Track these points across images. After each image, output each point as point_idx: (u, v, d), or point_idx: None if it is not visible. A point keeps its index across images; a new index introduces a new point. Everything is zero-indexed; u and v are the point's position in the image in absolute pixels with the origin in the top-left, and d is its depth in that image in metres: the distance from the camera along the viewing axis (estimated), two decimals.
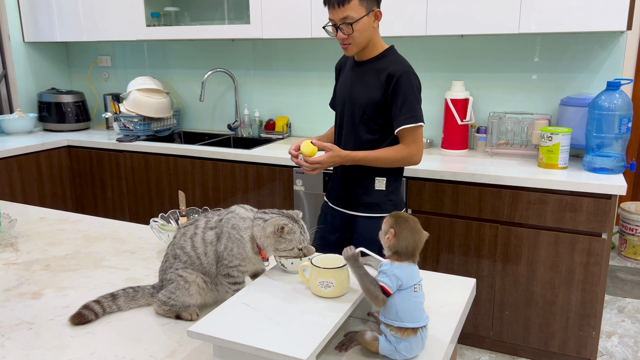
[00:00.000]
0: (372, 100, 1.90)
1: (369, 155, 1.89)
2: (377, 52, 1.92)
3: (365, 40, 1.86)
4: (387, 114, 1.91)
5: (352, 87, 1.96)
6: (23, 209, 2.08)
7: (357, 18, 1.79)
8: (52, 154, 3.40)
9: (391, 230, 1.02)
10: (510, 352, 2.62)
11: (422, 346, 1.03)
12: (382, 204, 1.98)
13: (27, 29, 3.76)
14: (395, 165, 1.93)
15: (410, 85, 1.85)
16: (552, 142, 2.44)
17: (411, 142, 1.89)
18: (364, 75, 1.93)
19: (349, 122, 1.98)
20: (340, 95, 2.03)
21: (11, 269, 1.51)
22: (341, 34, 1.83)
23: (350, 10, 1.78)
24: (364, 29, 1.83)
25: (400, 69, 1.85)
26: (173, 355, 1.08)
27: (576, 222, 2.29)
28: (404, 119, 1.85)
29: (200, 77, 3.67)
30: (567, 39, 2.69)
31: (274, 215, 1.19)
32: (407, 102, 1.84)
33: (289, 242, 1.16)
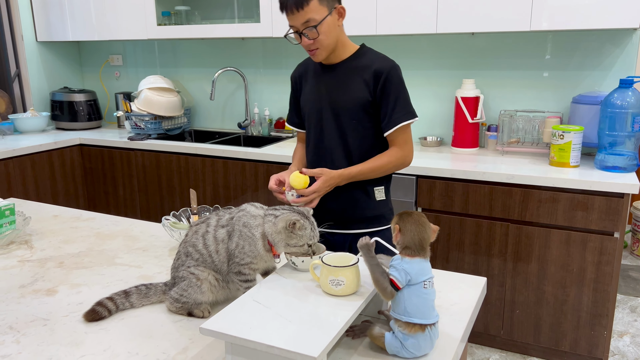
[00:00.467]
0: (359, 102, 1.72)
1: (365, 168, 1.73)
2: (349, 51, 1.76)
3: (333, 41, 1.69)
4: (375, 115, 1.75)
5: (330, 93, 1.77)
6: (37, 206, 2.10)
7: (320, 19, 1.62)
8: (64, 153, 3.43)
9: (396, 226, 1.03)
10: (521, 351, 2.61)
11: (431, 345, 1.03)
12: (386, 215, 1.85)
13: (40, 29, 3.79)
14: (390, 172, 1.79)
15: (400, 80, 1.73)
16: (563, 141, 2.42)
17: (403, 143, 1.75)
18: (342, 77, 1.76)
19: (333, 132, 1.78)
20: (315, 106, 1.81)
21: (26, 266, 1.53)
22: (306, 39, 1.66)
23: (310, 13, 1.61)
24: (329, 30, 1.66)
25: (386, 64, 1.71)
26: (185, 351, 1.09)
27: (588, 221, 2.28)
28: (400, 117, 1.71)
29: (211, 75, 3.69)
30: (579, 36, 2.67)
31: (285, 211, 1.20)
32: (400, 98, 1.72)
33: (299, 238, 1.17)
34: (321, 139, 1.82)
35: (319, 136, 1.82)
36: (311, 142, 1.86)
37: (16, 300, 1.33)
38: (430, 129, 3.10)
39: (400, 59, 3.08)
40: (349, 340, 1.11)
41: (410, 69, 3.07)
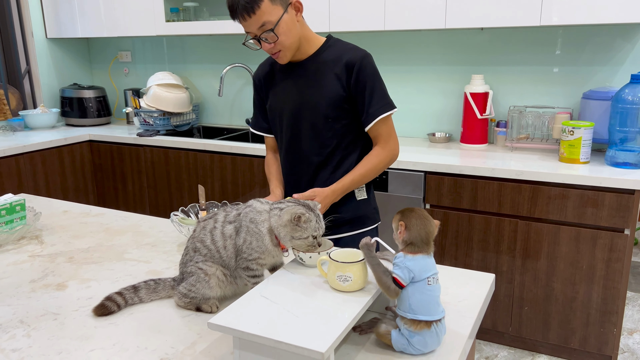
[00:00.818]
0: (333, 98, 1.61)
1: (356, 176, 1.62)
2: (316, 45, 1.65)
3: (295, 40, 1.57)
4: (351, 111, 1.64)
5: (300, 92, 1.64)
6: (47, 202, 2.12)
7: (275, 21, 1.49)
8: (74, 149, 3.46)
9: (401, 223, 1.03)
10: (529, 348, 2.60)
11: (438, 341, 1.03)
12: (370, 215, 1.74)
13: (50, 26, 3.82)
14: (381, 171, 1.67)
15: (374, 70, 1.61)
16: (573, 137, 2.41)
17: (387, 137, 1.64)
18: (311, 74, 1.64)
19: (307, 133, 1.66)
20: (285, 108, 1.69)
21: (36, 261, 1.55)
22: (266, 44, 1.54)
23: (264, 16, 1.48)
24: (288, 29, 1.53)
25: (357, 55, 1.59)
26: (193, 346, 1.10)
27: (598, 218, 2.26)
28: (377, 109, 1.60)
29: (219, 72, 3.70)
30: (589, 31, 2.64)
31: (290, 204, 1.20)
32: (376, 89, 1.60)
33: (304, 231, 1.17)
34: (295, 142, 1.69)
35: (293, 140, 1.69)
36: (284, 147, 1.73)
37: (27, 295, 1.34)
38: (439, 125, 3.09)
39: (409, 54, 3.06)
40: (356, 336, 1.11)
41: (418, 65, 3.06)
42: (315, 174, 1.69)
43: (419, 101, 3.10)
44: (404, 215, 1.04)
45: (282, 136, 1.73)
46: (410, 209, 1.05)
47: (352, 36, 3.18)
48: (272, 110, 1.73)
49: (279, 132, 1.74)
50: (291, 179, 1.75)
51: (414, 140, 3.07)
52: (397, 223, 1.04)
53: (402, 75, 3.11)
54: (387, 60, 3.13)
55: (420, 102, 3.10)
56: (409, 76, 3.10)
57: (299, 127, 1.67)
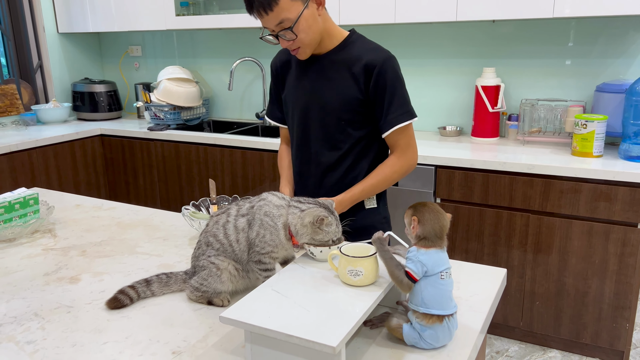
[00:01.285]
0: (348, 101, 1.51)
1: (367, 186, 1.54)
2: (337, 40, 1.54)
3: (316, 36, 1.48)
4: (368, 115, 1.54)
5: (315, 89, 1.55)
6: (60, 196, 2.14)
7: (295, 18, 1.41)
8: (86, 143, 3.48)
9: (414, 218, 1.02)
10: (540, 343, 2.59)
11: (450, 336, 1.03)
12: (377, 225, 1.64)
13: (61, 20, 3.84)
14: (395, 181, 1.57)
15: (396, 75, 1.50)
16: (586, 130, 2.38)
17: (406, 147, 1.54)
18: (328, 71, 1.54)
19: (318, 133, 1.58)
20: (298, 103, 1.60)
21: (50, 254, 1.56)
22: (284, 41, 1.47)
23: (283, 12, 1.39)
24: (308, 26, 1.44)
25: (379, 56, 1.48)
26: (205, 339, 1.11)
27: (611, 212, 2.24)
28: (396, 117, 1.49)
29: (229, 66, 3.70)
30: (603, 22, 2.61)
31: (310, 205, 1.20)
32: (397, 95, 1.49)
33: (325, 234, 1.17)
34: (305, 141, 1.61)
35: (303, 138, 1.62)
36: (294, 143, 1.66)
37: (41, 288, 1.35)
38: (450, 119, 3.07)
39: (420, 47, 3.04)
40: (368, 330, 1.11)
41: (429, 58, 3.04)
42: (323, 177, 1.61)
43: (430, 94, 3.08)
44: (416, 209, 1.03)
45: (293, 132, 1.67)
46: (423, 203, 1.04)
47: (362, 29, 3.16)
48: (286, 103, 1.67)
49: (291, 127, 1.67)
50: (299, 179, 1.68)
51: (424, 133, 3.05)
52: (409, 218, 1.04)
53: (413, 69, 3.09)
54: (398, 54, 3.11)
55: (431, 96, 3.08)
56: (419, 69, 3.08)
57: (309, 126, 1.59)
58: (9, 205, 1.68)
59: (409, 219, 1.04)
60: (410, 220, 1.03)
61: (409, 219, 1.04)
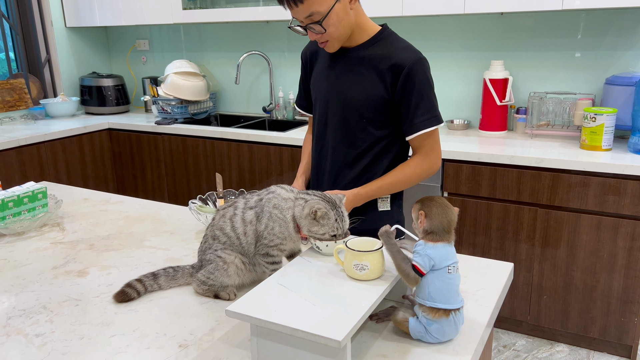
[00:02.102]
0: (372, 99, 1.47)
1: (385, 183, 1.49)
2: (368, 35, 1.49)
3: (345, 30, 1.43)
4: (392, 116, 1.49)
5: (339, 83, 1.52)
6: (68, 190, 2.15)
7: (325, 12, 1.36)
8: (93, 137, 3.50)
9: (421, 212, 1.02)
10: (548, 337, 2.58)
11: (456, 331, 1.03)
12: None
13: (69, 15, 3.85)
14: (414, 184, 1.53)
15: (426, 78, 1.44)
16: (595, 123, 2.36)
17: (430, 150, 1.49)
18: (355, 66, 1.49)
19: (338, 130, 1.54)
20: (321, 94, 1.56)
21: (58, 248, 1.58)
22: (313, 34, 1.43)
23: (313, 5, 1.35)
24: (339, 20, 1.39)
25: (410, 56, 1.43)
26: (212, 333, 1.11)
27: (620, 206, 2.22)
28: (422, 122, 1.45)
29: (236, 59, 3.70)
30: (612, 14, 2.58)
31: (315, 197, 1.20)
32: (424, 99, 1.44)
33: (321, 227, 1.17)
34: (324, 134, 1.59)
35: (322, 130, 1.59)
36: (314, 135, 1.63)
37: (49, 281, 1.37)
38: (458, 112, 3.05)
39: (427, 40, 3.02)
40: (373, 324, 1.11)
41: (437, 51, 3.02)
42: (338, 174, 1.57)
43: (437, 87, 3.07)
44: (424, 204, 1.03)
45: (314, 122, 1.63)
46: (430, 197, 1.04)
47: None
48: (312, 93, 1.64)
49: (314, 118, 1.63)
50: (316, 172, 1.65)
51: None
52: (416, 212, 1.03)
53: None
54: None
55: (439, 89, 3.06)
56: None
57: (330, 120, 1.56)
58: (18, 199, 1.69)
59: (416, 213, 1.04)
60: (417, 215, 1.03)
61: (416, 213, 1.04)
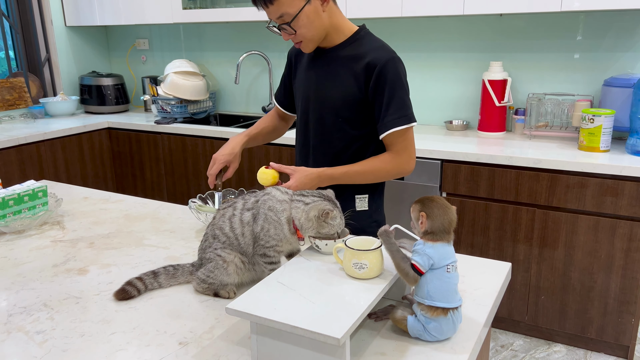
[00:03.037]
0: (347, 99, 1.49)
1: (351, 170, 1.49)
2: (345, 36, 1.52)
3: (318, 32, 1.46)
4: (368, 115, 1.51)
5: (317, 83, 1.55)
6: (68, 188, 2.16)
7: (294, 13, 1.40)
8: (93, 136, 3.50)
9: (422, 213, 1.02)
10: (545, 337, 2.59)
11: (454, 329, 1.04)
12: (366, 228, 1.58)
13: (69, 14, 3.85)
14: (382, 179, 1.54)
15: (398, 76, 1.46)
16: (593, 125, 2.37)
17: (402, 150, 1.50)
18: (331, 66, 1.52)
19: (317, 130, 1.57)
20: (302, 95, 1.61)
21: (58, 246, 1.58)
22: (286, 34, 1.46)
23: (283, 7, 1.39)
24: (310, 22, 1.42)
25: (382, 55, 1.45)
26: (211, 330, 1.12)
27: (617, 207, 2.23)
28: (392, 120, 1.46)
29: (235, 59, 3.70)
30: (611, 16, 2.59)
31: (315, 198, 1.21)
32: (395, 97, 1.45)
33: (331, 227, 1.18)
34: (305, 133, 1.62)
35: (304, 129, 1.63)
36: (297, 136, 1.68)
37: (50, 279, 1.37)
38: (456, 113, 3.06)
39: (427, 41, 3.03)
40: (372, 322, 1.12)
41: (436, 52, 3.03)
42: None
43: (436, 88, 3.08)
44: (424, 205, 1.03)
45: (297, 123, 1.68)
46: (430, 197, 1.04)
47: (368, 23, 3.15)
48: (294, 93, 1.69)
49: (297, 118, 1.68)
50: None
51: (431, 127, 3.05)
52: (417, 213, 1.04)
53: (420, 62, 3.09)
54: (404, 47, 3.10)
55: (438, 90, 3.07)
56: (426, 63, 3.07)
57: (310, 120, 1.60)
58: (18, 198, 1.70)
59: (416, 214, 1.04)
60: (418, 216, 1.03)
61: (416, 214, 1.04)
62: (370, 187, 1.61)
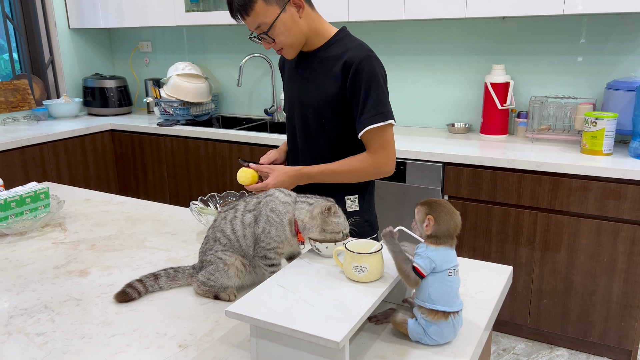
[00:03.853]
0: (328, 100, 1.51)
1: (327, 169, 1.52)
2: (324, 39, 1.54)
3: (297, 38, 1.49)
4: (350, 115, 1.53)
5: (300, 86, 1.58)
6: (70, 190, 2.16)
7: (270, 22, 1.43)
8: (96, 138, 3.51)
9: (429, 217, 1.01)
10: (548, 341, 2.58)
11: (454, 333, 1.03)
12: (358, 228, 1.60)
13: (72, 16, 3.87)
14: (360, 179, 1.55)
15: (374, 74, 1.46)
16: (596, 128, 2.36)
17: (379, 149, 1.50)
18: (313, 69, 1.55)
19: (302, 131, 1.60)
20: (288, 99, 1.64)
21: (60, 248, 1.58)
22: (266, 43, 1.50)
23: (259, 18, 1.43)
24: (287, 29, 1.46)
25: (358, 54, 1.46)
26: (211, 333, 1.12)
27: (620, 210, 2.22)
28: (369, 118, 1.47)
29: (238, 62, 3.71)
30: (614, 19, 2.59)
31: (318, 199, 1.22)
32: (371, 95, 1.46)
33: (335, 225, 1.18)
34: (294, 137, 1.65)
35: (292, 133, 1.66)
36: (287, 139, 1.71)
37: (51, 281, 1.38)
38: (459, 116, 3.06)
39: (429, 43, 3.03)
40: (372, 326, 1.12)
41: (438, 54, 3.03)
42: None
43: (439, 91, 3.07)
44: (432, 208, 1.02)
45: (286, 128, 1.71)
46: (437, 201, 1.03)
47: (371, 25, 3.16)
48: (283, 98, 1.73)
49: (286, 123, 1.71)
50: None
51: (433, 130, 3.05)
52: (423, 215, 1.03)
53: (422, 65, 3.09)
54: (407, 50, 3.10)
55: (440, 92, 3.07)
56: (428, 66, 3.07)
57: (296, 123, 1.62)
58: (20, 199, 1.70)
59: (422, 216, 1.03)
60: (424, 218, 1.02)
61: (422, 216, 1.03)
62: (360, 187, 1.61)
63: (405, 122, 3.21)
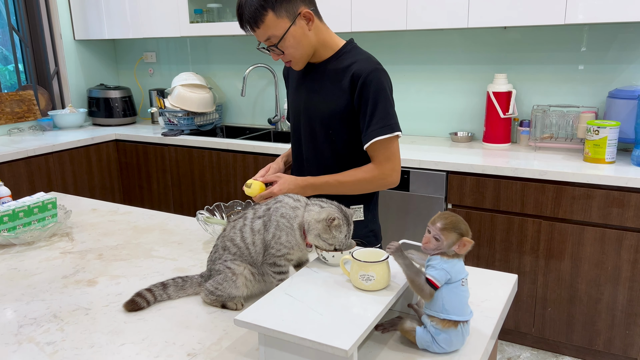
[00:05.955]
0: (335, 111, 1.53)
1: (331, 180, 1.53)
2: (332, 50, 1.56)
3: (306, 51, 1.51)
4: (355, 126, 1.55)
5: (307, 98, 1.59)
6: (76, 200, 2.18)
7: (280, 35, 1.45)
8: (101, 148, 3.54)
9: (465, 239, 1.00)
10: (553, 350, 2.58)
11: (462, 342, 1.04)
12: (363, 238, 1.60)
13: (78, 27, 3.91)
14: (365, 190, 1.56)
15: (382, 87, 1.48)
16: (599, 136, 2.38)
17: (385, 160, 1.51)
18: (320, 81, 1.56)
19: (309, 141, 1.61)
20: (294, 109, 1.65)
21: (68, 258, 1.60)
22: (275, 55, 1.52)
23: (269, 30, 1.44)
24: (297, 42, 1.48)
25: (366, 67, 1.48)
26: (220, 342, 1.13)
27: (624, 218, 2.23)
28: (376, 130, 1.48)
29: (242, 72, 3.74)
30: (616, 28, 2.61)
31: (333, 206, 1.22)
32: (378, 108, 1.48)
33: (332, 237, 1.19)
34: (299, 148, 1.66)
35: (298, 144, 1.67)
36: (292, 148, 1.72)
37: (59, 290, 1.39)
38: (461, 124, 3.07)
39: (432, 53, 3.06)
40: (379, 334, 1.13)
41: (441, 64, 3.05)
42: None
43: (441, 100, 3.09)
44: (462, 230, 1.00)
45: (291, 137, 1.72)
46: (460, 220, 1.01)
47: (374, 36, 3.19)
48: (288, 108, 1.74)
49: (290, 132, 1.72)
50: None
51: (436, 139, 3.06)
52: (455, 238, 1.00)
53: (424, 74, 3.11)
54: (409, 60, 3.13)
55: (443, 101, 3.09)
56: (431, 75, 3.09)
57: (302, 133, 1.63)
58: (28, 209, 1.72)
59: (454, 239, 1.00)
60: (455, 241, 1.00)
61: (454, 239, 1.00)
62: (365, 198, 1.62)
63: (408, 131, 3.23)
